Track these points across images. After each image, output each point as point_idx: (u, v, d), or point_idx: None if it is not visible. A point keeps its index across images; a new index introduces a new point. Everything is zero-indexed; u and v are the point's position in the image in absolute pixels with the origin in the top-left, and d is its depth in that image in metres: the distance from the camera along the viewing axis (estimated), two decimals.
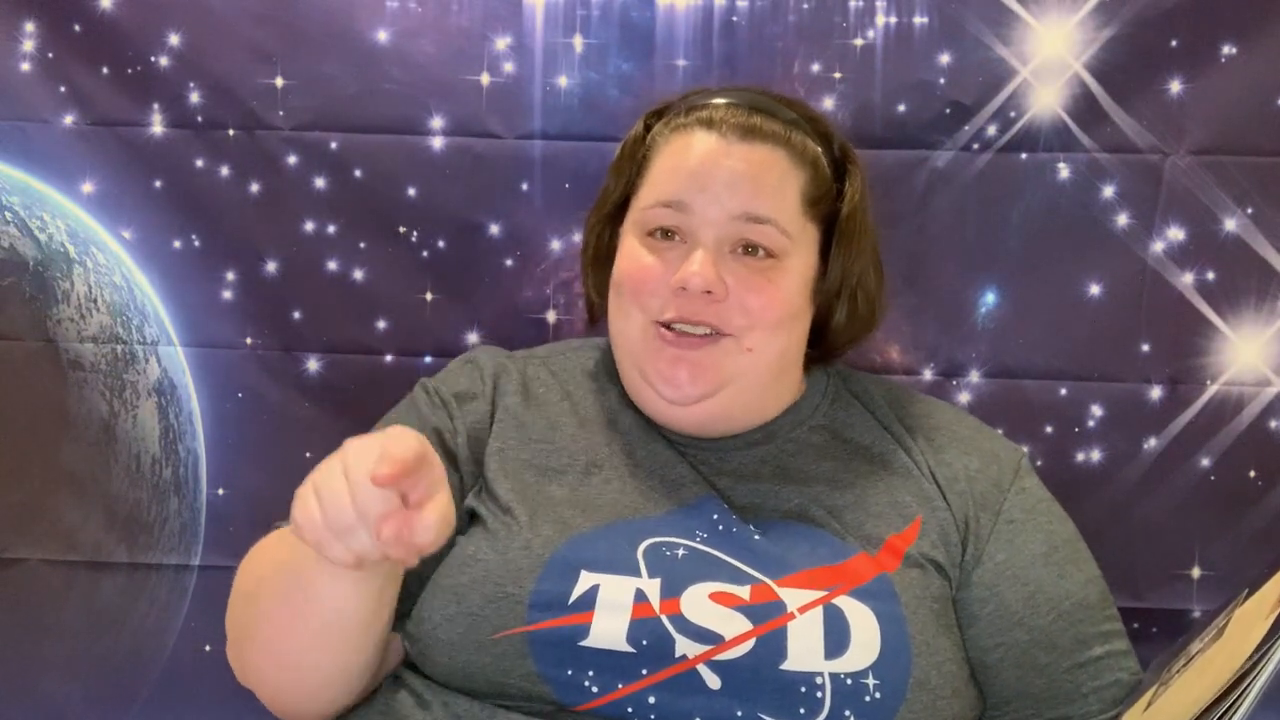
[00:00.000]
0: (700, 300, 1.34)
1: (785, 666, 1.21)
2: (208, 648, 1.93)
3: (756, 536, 1.32)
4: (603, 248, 1.47)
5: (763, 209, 1.36)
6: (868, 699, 1.21)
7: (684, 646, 1.22)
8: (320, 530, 1.07)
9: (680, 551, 1.29)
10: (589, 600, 1.24)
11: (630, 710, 1.20)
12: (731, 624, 1.23)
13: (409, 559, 1.08)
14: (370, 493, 1.05)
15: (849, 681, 1.22)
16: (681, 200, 1.36)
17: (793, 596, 1.25)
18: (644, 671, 1.21)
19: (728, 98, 1.43)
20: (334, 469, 1.08)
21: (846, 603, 1.26)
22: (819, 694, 1.21)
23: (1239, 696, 1.02)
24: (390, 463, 1.03)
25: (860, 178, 1.46)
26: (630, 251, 1.40)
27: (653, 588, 1.25)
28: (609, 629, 1.22)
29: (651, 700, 1.20)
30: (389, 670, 1.36)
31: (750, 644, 1.22)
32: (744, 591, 1.25)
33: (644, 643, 1.22)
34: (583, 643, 1.22)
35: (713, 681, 1.21)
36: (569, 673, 1.22)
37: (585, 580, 1.25)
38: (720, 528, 1.33)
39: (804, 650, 1.22)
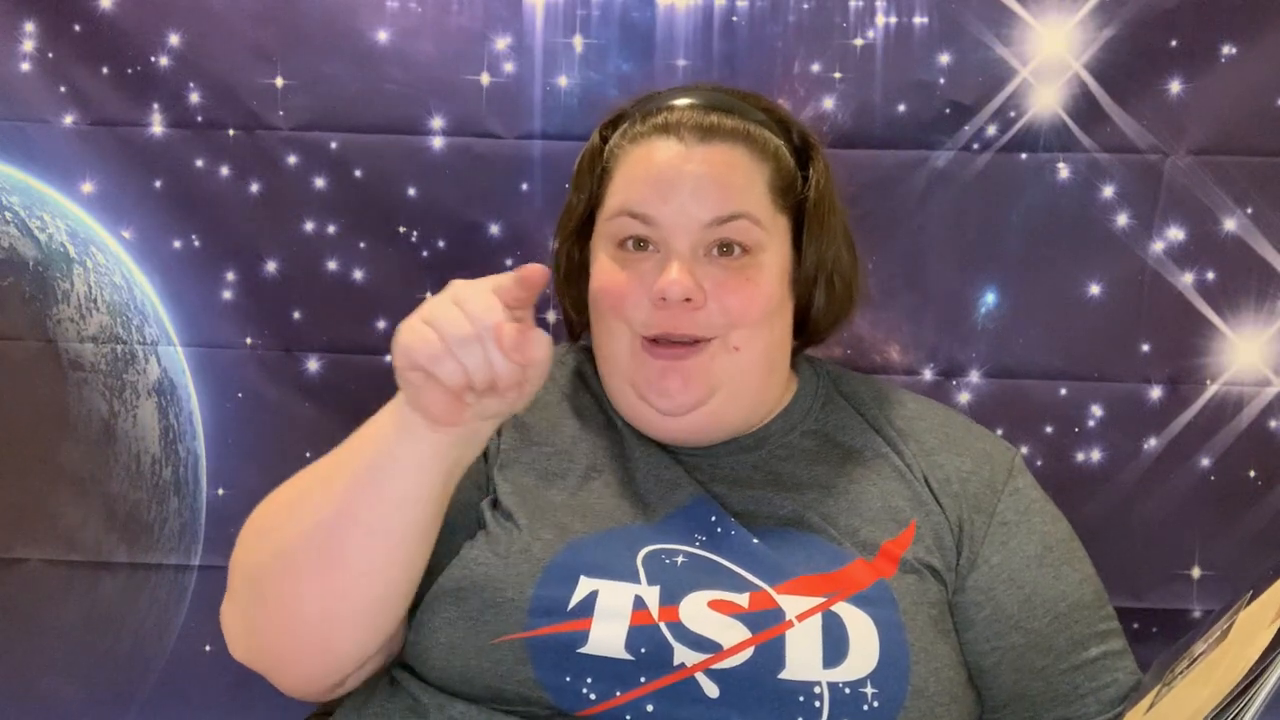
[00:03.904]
0: (681, 309, 1.33)
1: (784, 675, 1.21)
2: (208, 648, 1.93)
3: (755, 541, 1.31)
4: (574, 265, 1.46)
5: (733, 207, 1.35)
6: (866, 708, 1.21)
7: (682, 655, 1.21)
8: (435, 347, 1.11)
9: (679, 559, 1.29)
10: (588, 606, 1.23)
11: (629, 718, 1.20)
12: (730, 632, 1.22)
13: (512, 385, 1.13)
14: (489, 306, 1.11)
15: (847, 690, 1.21)
16: (648, 213, 1.35)
17: (791, 604, 1.25)
18: (642, 679, 1.21)
19: (683, 99, 1.41)
20: (440, 300, 1.14)
21: (845, 610, 1.25)
22: (817, 703, 1.20)
23: (1243, 708, 1.02)
24: (518, 280, 1.11)
25: (823, 162, 1.44)
26: (604, 268, 1.38)
27: (651, 595, 1.24)
28: (608, 636, 1.22)
29: (650, 708, 1.20)
30: (391, 655, 1.35)
31: (749, 652, 1.22)
32: (743, 599, 1.25)
33: (643, 650, 1.21)
34: (581, 649, 1.22)
35: (711, 690, 1.21)
36: (567, 679, 1.21)
37: (584, 586, 1.25)
38: (719, 531, 1.32)
39: (802, 659, 1.21)
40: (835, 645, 1.23)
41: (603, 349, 1.41)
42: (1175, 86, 1.84)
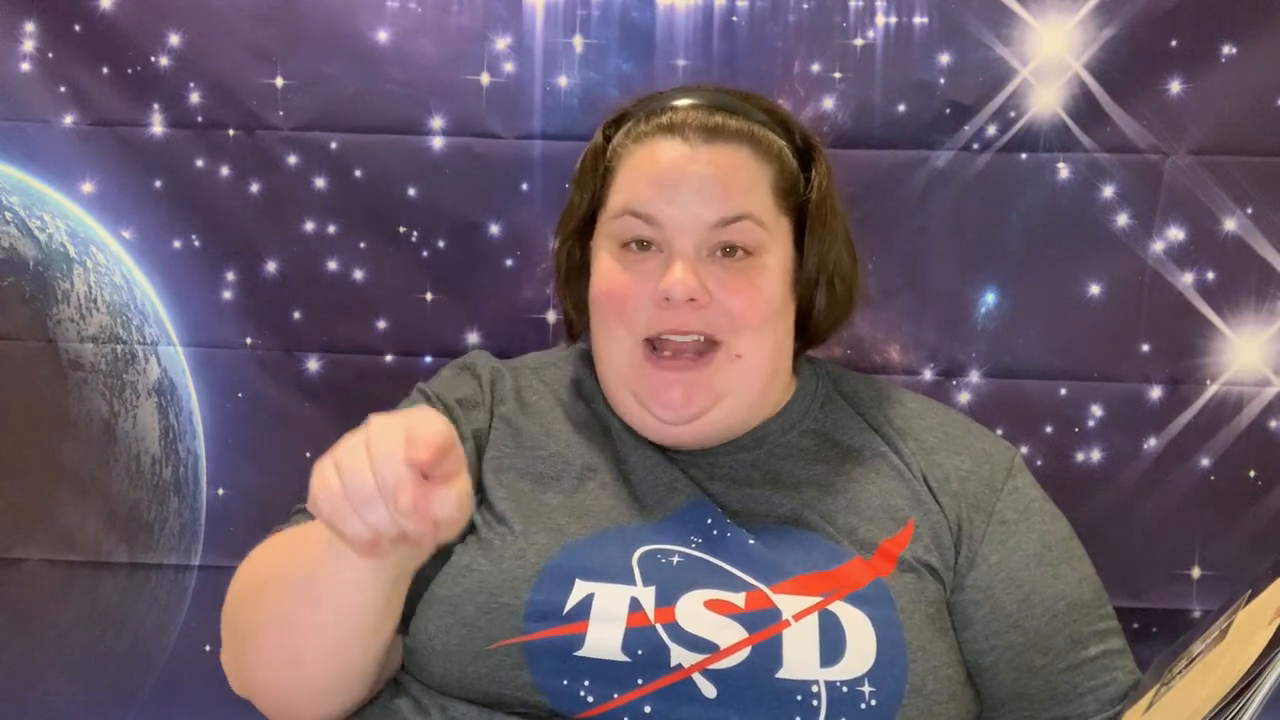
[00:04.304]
0: (685, 309, 1.33)
1: (781, 675, 1.21)
2: (208, 648, 1.93)
3: (751, 541, 1.31)
4: (574, 264, 1.46)
5: (737, 208, 1.35)
6: (863, 706, 1.21)
7: (679, 655, 1.21)
8: (339, 502, 1.06)
9: (675, 559, 1.29)
10: (584, 610, 1.24)
11: (626, 719, 1.20)
12: (727, 632, 1.22)
13: (425, 537, 1.07)
14: (392, 465, 1.04)
15: (844, 689, 1.21)
16: (651, 213, 1.35)
17: (788, 603, 1.25)
18: (639, 681, 1.21)
19: (686, 99, 1.41)
20: (356, 444, 1.07)
21: (842, 609, 1.25)
22: (814, 702, 1.20)
23: (1241, 708, 1.02)
24: (425, 446, 1.03)
25: (825, 164, 1.44)
26: (606, 269, 1.38)
27: (647, 596, 1.24)
28: (604, 639, 1.22)
29: (647, 710, 1.20)
30: (390, 673, 1.35)
31: (745, 652, 1.22)
32: (739, 599, 1.25)
33: (639, 652, 1.22)
34: (578, 653, 1.22)
35: (708, 690, 1.21)
36: (565, 683, 1.22)
37: (580, 589, 1.25)
38: (714, 533, 1.32)
39: (799, 658, 1.22)
40: (832, 644, 1.23)
41: (602, 352, 1.40)
42: (1175, 86, 1.84)
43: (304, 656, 1.26)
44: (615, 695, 1.21)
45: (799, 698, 1.20)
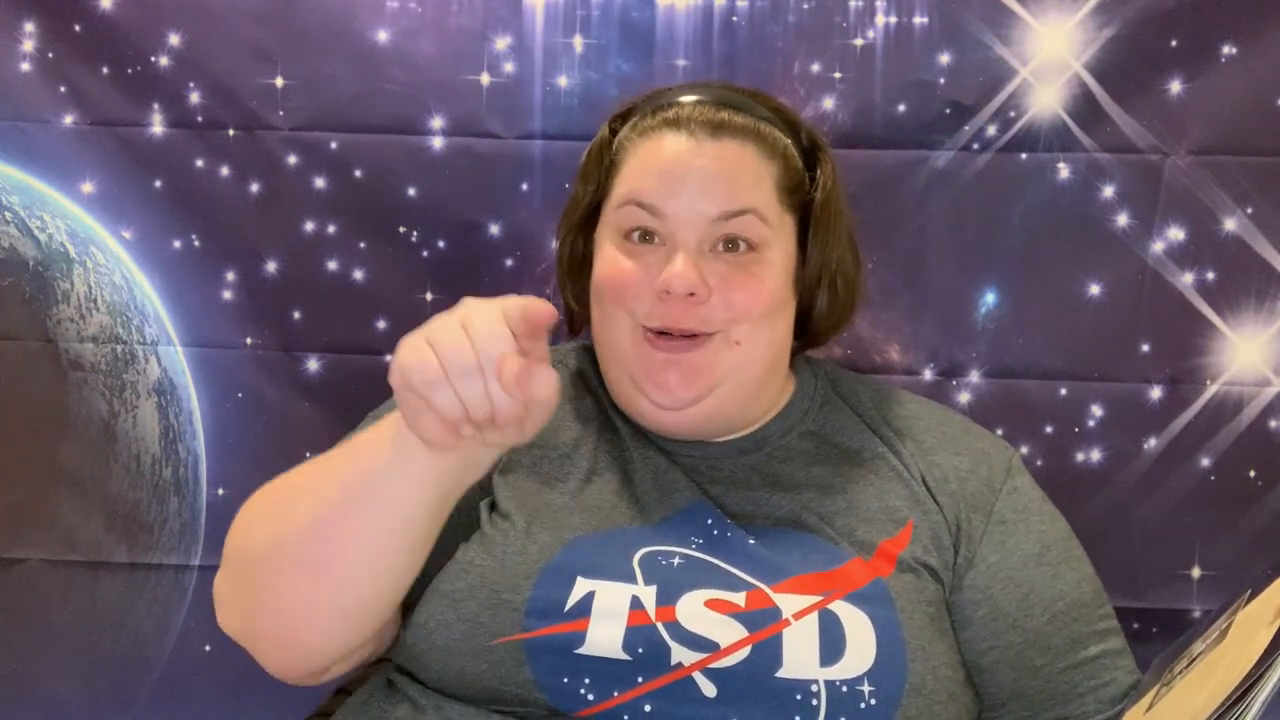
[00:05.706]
0: (684, 303, 1.33)
1: (781, 674, 1.21)
2: (208, 648, 1.93)
3: (751, 542, 1.31)
4: (577, 257, 1.46)
5: (741, 203, 1.35)
6: (863, 705, 1.21)
7: (680, 654, 1.21)
8: (434, 372, 1.06)
9: (676, 560, 1.28)
10: (584, 607, 1.23)
11: (626, 718, 1.20)
12: (727, 631, 1.22)
13: (515, 421, 1.08)
14: (494, 337, 1.05)
15: (844, 689, 1.21)
16: (656, 204, 1.35)
17: (788, 602, 1.25)
18: (640, 679, 1.21)
19: (693, 95, 1.41)
20: (449, 322, 1.08)
21: (842, 608, 1.25)
22: (814, 701, 1.20)
23: (1244, 709, 1.01)
24: (539, 312, 1.05)
25: (830, 164, 1.44)
26: (609, 257, 1.38)
27: (648, 595, 1.24)
28: (605, 637, 1.22)
29: (647, 708, 1.20)
30: (380, 651, 1.35)
31: (746, 651, 1.22)
32: (739, 598, 1.25)
33: (640, 650, 1.21)
34: (579, 650, 1.22)
35: (708, 689, 1.20)
36: (565, 680, 1.21)
37: (581, 587, 1.25)
38: (715, 533, 1.32)
39: (799, 657, 1.21)
40: (832, 643, 1.23)
41: (603, 339, 1.40)
42: (1175, 86, 1.84)
43: (332, 566, 1.22)
44: (615, 693, 1.21)
45: (798, 697, 1.20)
